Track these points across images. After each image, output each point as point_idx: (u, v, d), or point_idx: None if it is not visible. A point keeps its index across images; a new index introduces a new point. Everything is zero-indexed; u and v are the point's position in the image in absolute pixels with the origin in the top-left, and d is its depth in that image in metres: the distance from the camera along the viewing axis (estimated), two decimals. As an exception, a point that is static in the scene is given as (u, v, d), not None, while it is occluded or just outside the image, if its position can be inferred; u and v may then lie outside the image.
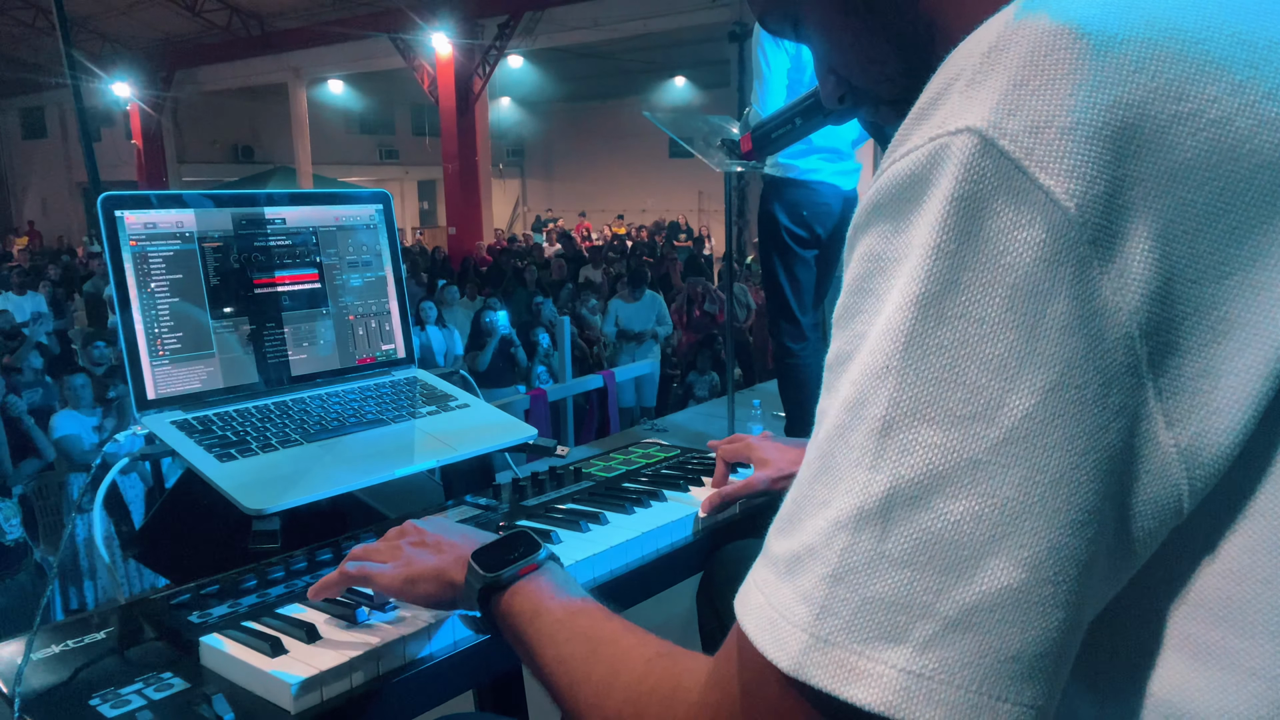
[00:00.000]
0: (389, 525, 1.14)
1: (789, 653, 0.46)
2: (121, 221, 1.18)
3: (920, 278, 0.45)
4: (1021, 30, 0.46)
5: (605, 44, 17.89)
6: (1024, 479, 0.44)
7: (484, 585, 0.77)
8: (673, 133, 3.15)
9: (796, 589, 0.47)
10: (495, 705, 1.28)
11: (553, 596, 0.74)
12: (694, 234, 19.80)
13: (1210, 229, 0.44)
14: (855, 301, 0.49)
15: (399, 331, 1.45)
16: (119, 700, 0.78)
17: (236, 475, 1.09)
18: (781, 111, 1.32)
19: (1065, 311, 0.43)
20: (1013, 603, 0.44)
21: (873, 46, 0.62)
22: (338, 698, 0.79)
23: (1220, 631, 0.47)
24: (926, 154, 0.46)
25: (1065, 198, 0.43)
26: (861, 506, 0.46)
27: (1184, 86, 0.44)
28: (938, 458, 0.44)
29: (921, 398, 0.45)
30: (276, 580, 0.99)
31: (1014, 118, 0.44)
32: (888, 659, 0.44)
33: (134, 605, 0.95)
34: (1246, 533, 0.46)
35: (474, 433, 1.30)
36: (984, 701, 0.44)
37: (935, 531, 0.44)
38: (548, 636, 0.71)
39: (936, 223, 0.45)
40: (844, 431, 0.47)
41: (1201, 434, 0.45)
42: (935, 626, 0.44)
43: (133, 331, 1.17)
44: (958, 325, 0.44)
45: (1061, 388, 0.43)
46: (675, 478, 1.28)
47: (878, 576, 0.45)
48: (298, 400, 1.28)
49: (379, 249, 1.43)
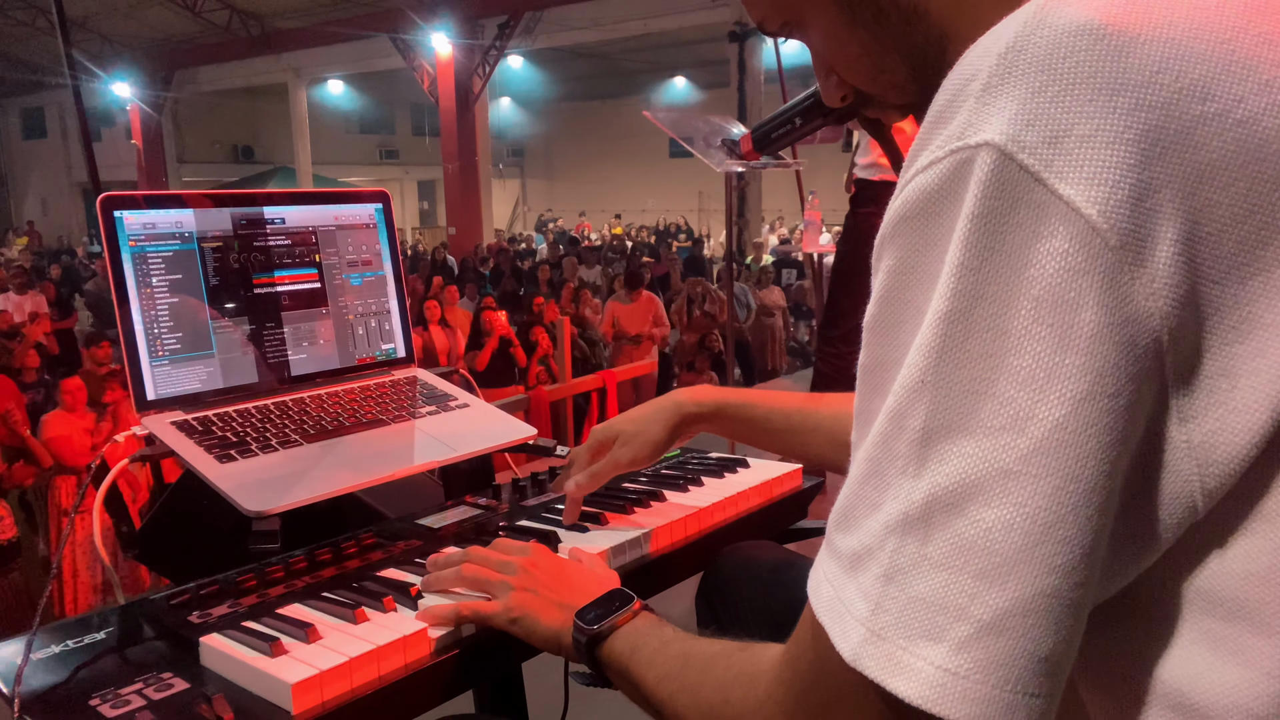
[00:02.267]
0: (389, 525, 1.15)
1: (850, 643, 0.50)
2: (121, 221, 1.17)
3: (947, 294, 0.46)
4: (1039, 30, 0.45)
5: (605, 44, 17.90)
6: (1056, 489, 0.44)
7: (589, 640, 0.81)
8: (673, 133, 3.15)
9: (858, 586, 0.50)
10: (495, 705, 1.28)
11: (648, 633, 0.79)
12: (694, 235, 19.80)
13: (1236, 230, 0.44)
14: (886, 312, 0.51)
15: (399, 331, 1.45)
16: (119, 700, 0.77)
17: (236, 476, 1.09)
18: (781, 111, 1.32)
19: (1094, 320, 0.43)
20: (1044, 608, 0.45)
21: (881, 56, 0.62)
22: (338, 698, 0.79)
23: (1237, 629, 0.47)
24: (949, 168, 0.47)
25: (1087, 205, 0.43)
26: (906, 512, 0.48)
27: (1210, 86, 0.44)
28: (972, 467, 0.46)
29: (955, 409, 0.46)
30: (276, 580, 0.99)
31: (1032, 129, 0.44)
32: (928, 656, 0.47)
33: (134, 605, 0.95)
34: (1268, 535, 0.46)
35: (474, 433, 1.30)
36: (1016, 699, 0.46)
37: (970, 538, 0.46)
38: (647, 663, 0.75)
39: (961, 240, 0.46)
40: (888, 440, 0.49)
41: (1216, 432, 0.45)
42: (969, 629, 0.46)
43: (132, 332, 1.17)
44: (985, 338, 0.45)
45: (1094, 397, 0.44)
46: (675, 478, 1.28)
47: (921, 578, 0.47)
48: (298, 400, 1.28)
49: (379, 248, 1.43)
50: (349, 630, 0.86)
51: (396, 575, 0.99)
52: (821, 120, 1.27)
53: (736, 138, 2.60)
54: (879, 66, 0.62)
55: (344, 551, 1.06)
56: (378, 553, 1.06)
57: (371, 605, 0.90)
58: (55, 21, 3.09)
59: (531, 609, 0.87)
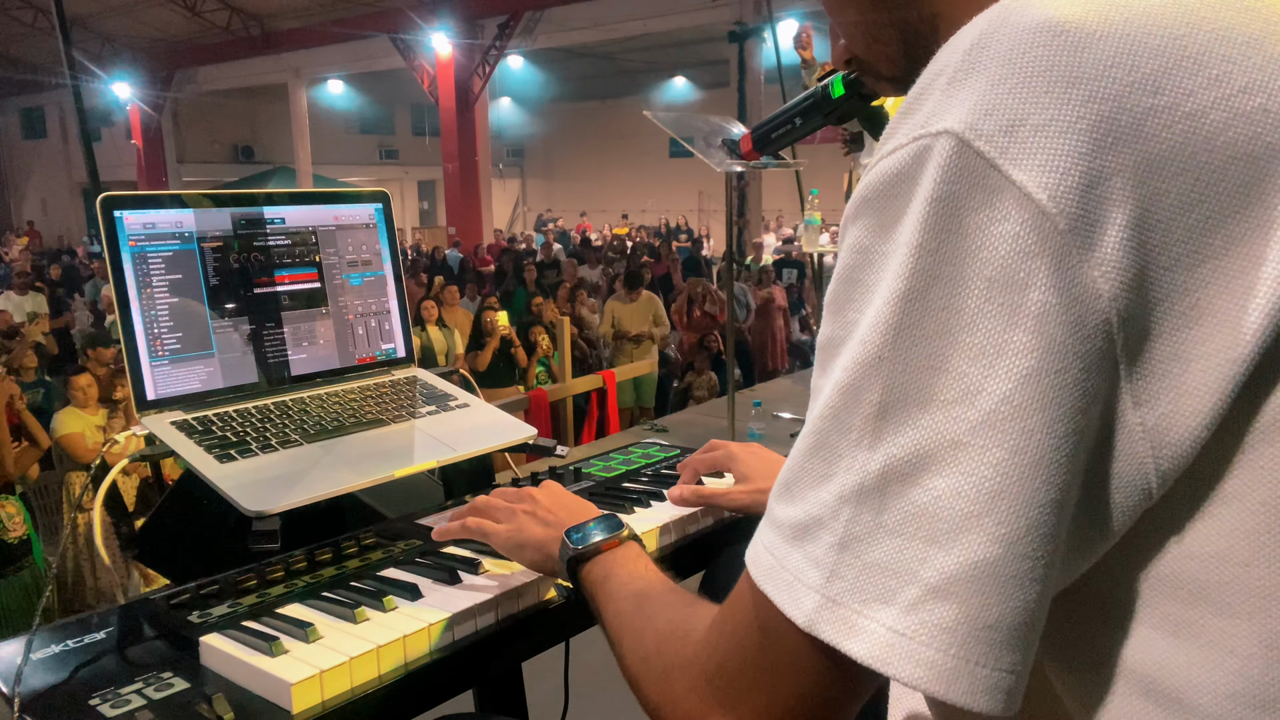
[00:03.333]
0: (389, 525, 1.15)
1: (804, 610, 0.51)
2: (121, 222, 1.18)
3: (905, 274, 0.48)
4: (1003, 28, 0.48)
5: (605, 44, 17.91)
6: (1003, 460, 0.46)
7: (571, 557, 0.85)
8: (673, 133, 3.15)
9: (808, 555, 0.52)
10: (495, 705, 1.28)
11: (623, 565, 0.82)
12: (693, 235, 19.81)
13: (1184, 218, 0.46)
14: (845, 290, 0.52)
15: (399, 331, 1.45)
16: (119, 700, 0.78)
17: (236, 476, 1.09)
18: (781, 111, 1.32)
19: (1043, 300, 0.45)
20: (989, 575, 0.47)
21: (877, 27, 0.65)
22: (337, 697, 0.79)
23: (1199, 611, 0.49)
24: (910, 154, 0.49)
25: (1038, 191, 0.45)
26: (862, 483, 0.50)
27: (1161, 80, 0.46)
28: (925, 438, 0.48)
29: (911, 384, 0.48)
30: (276, 580, 0.99)
31: (990, 118, 0.46)
32: (879, 618, 0.49)
33: (134, 605, 0.95)
34: (1222, 517, 0.48)
35: (474, 433, 1.30)
36: (961, 666, 0.47)
37: (922, 505, 0.48)
38: (609, 595, 0.79)
39: (918, 222, 0.48)
40: (839, 413, 0.51)
41: (1169, 415, 0.47)
42: (919, 591, 0.48)
43: (132, 332, 1.17)
44: (940, 316, 0.47)
45: (1041, 373, 0.46)
46: (675, 478, 1.28)
47: (876, 544, 0.49)
48: (297, 400, 1.28)
49: (378, 248, 1.43)
50: (349, 630, 0.86)
51: (396, 575, 0.99)
52: (821, 120, 1.28)
53: (736, 138, 2.60)
54: (874, 36, 0.65)
55: (344, 551, 1.06)
56: (378, 553, 1.06)
57: (371, 605, 0.90)
58: (55, 21, 3.10)
59: (528, 529, 0.94)
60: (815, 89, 1.26)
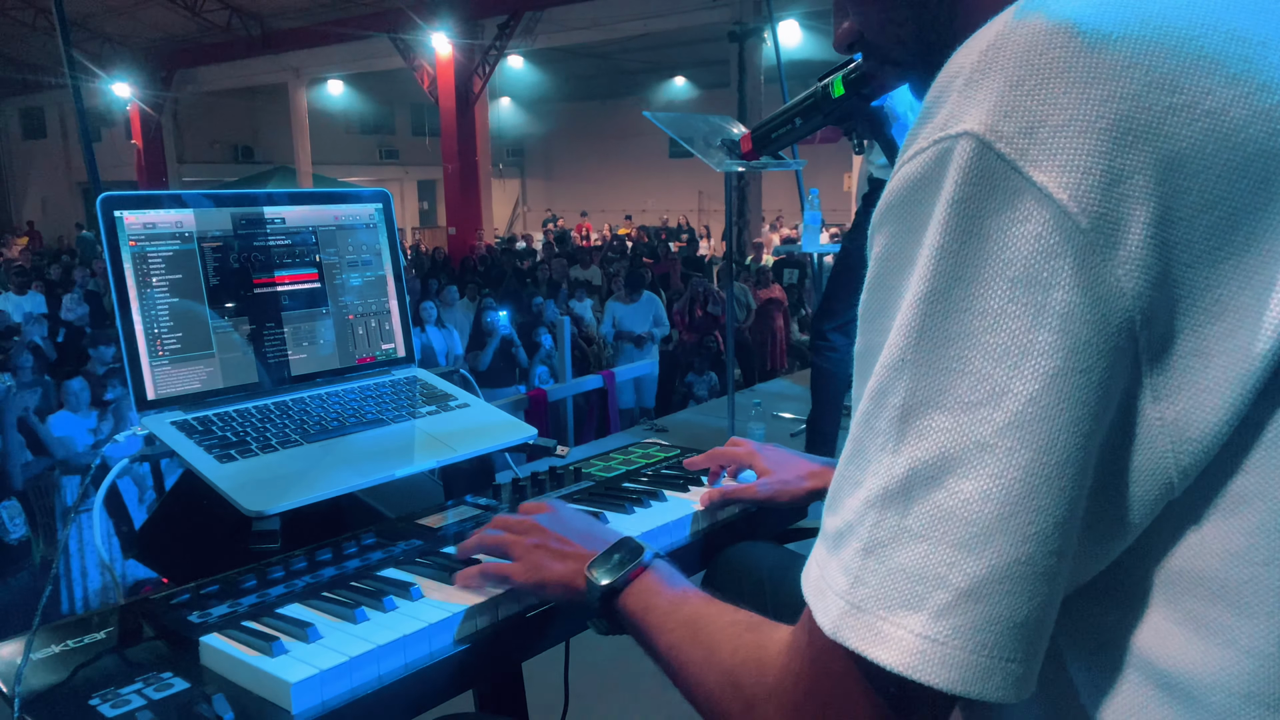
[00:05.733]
0: (389, 525, 1.15)
1: (830, 617, 0.51)
2: (121, 222, 1.17)
3: (926, 276, 0.48)
4: (1019, 30, 0.48)
5: (605, 44, 17.90)
6: (1030, 461, 0.46)
7: (602, 595, 0.82)
8: (673, 133, 3.16)
9: (839, 561, 0.52)
10: (495, 705, 1.28)
11: (659, 591, 0.79)
12: (693, 235, 19.80)
13: (1206, 215, 0.46)
14: (876, 299, 0.53)
15: (399, 331, 1.45)
16: (119, 700, 0.78)
17: (236, 476, 1.09)
18: (781, 111, 1.32)
19: (1067, 299, 0.45)
20: (1020, 575, 0.47)
21: (894, 8, 0.64)
22: (337, 698, 0.79)
23: (1217, 609, 0.49)
24: (931, 157, 0.49)
25: (1059, 191, 0.45)
26: (886, 487, 0.50)
27: (1178, 79, 0.46)
28: (950, 441, 0.48)
29: (934, 386, 0.48)
30: (276, 580, 0.99)
31: (1009, 120, 0.46)
32: (907, 624, 0.48)
33: (134, 605, 0.95)
34: (1244, 516, 0.48)
35: (474, 433, 1.30)
36: (995, 664, 0.47)
37: (949, 509, 0.47)
38: (657, 628, 0.76)
39: (940, 225, 0.48)
40: (869, 419, 0.51)
41: (1189, 410, 0.47)
42: (949, 596, 0.47)
43: (132, 332, 1.17)
44: (963, 318, 0.47)
45: (1067, 373, 0.46)
46: (675, 478, 1.28)
47: (901, 549, 0.49)
48: (298, 400, 1.28)
49: (379, 248, 1.43)
50: (349, 630, 0.86)
51: (396, 575, 0.99)
52: (822, 120, 1.27)
53: (736, 138, 2.60)
54: (889, 17, 0.64)
55: (344, 551, 1.06)
56: (378, 553, 1.06)
57: (371, 605, 0.90)
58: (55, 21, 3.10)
59: (545, 566, 0.89)
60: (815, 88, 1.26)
